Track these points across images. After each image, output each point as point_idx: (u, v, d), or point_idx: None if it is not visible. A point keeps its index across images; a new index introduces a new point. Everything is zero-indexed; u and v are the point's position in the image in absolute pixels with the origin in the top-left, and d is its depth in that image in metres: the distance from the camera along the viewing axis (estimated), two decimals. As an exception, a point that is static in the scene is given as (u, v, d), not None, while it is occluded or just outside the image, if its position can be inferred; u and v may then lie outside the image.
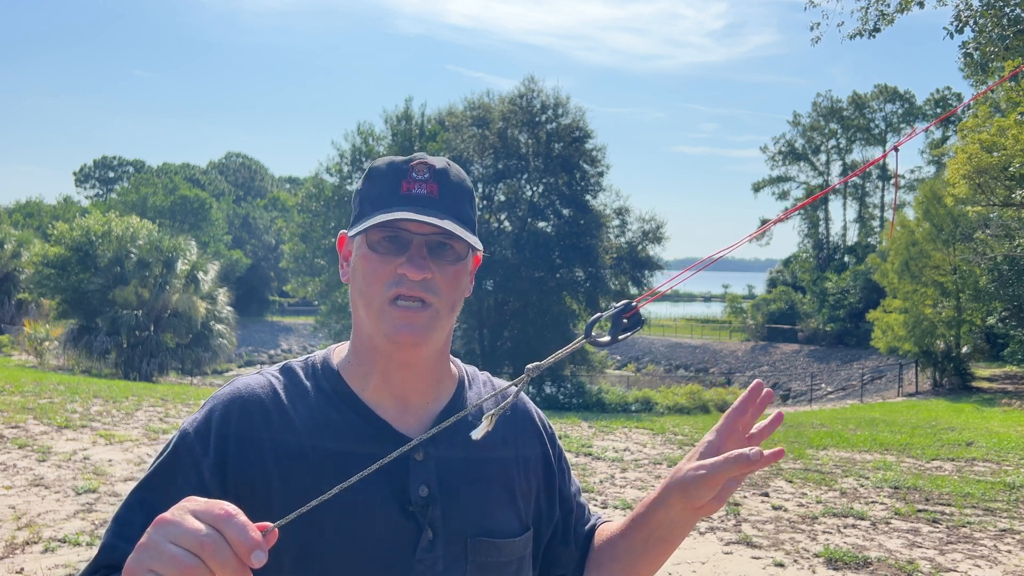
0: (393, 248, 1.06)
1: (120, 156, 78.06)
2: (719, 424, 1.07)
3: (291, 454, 1.03)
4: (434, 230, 1.06)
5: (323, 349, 1.20)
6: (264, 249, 61.05)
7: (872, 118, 55.94)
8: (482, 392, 1.21)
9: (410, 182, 1.09)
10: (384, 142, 30.35)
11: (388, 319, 1.05)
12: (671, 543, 1.12)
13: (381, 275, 1.06)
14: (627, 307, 0.97)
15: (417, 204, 1.06)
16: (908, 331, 26.63)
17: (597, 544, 1.24)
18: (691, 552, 5.72)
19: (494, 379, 1.27)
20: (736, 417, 1.06)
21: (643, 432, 12.80)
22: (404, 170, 1.09)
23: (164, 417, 10.59)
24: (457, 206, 1.10)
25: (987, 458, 10.56)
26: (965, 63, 12.98)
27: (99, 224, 24.25)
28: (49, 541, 5.05)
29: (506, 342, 27.36)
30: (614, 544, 1.19)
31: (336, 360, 1.15)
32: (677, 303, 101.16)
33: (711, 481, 1.00)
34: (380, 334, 1.07)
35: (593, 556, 1.24)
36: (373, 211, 1.07)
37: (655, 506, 1.09)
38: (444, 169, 1.11)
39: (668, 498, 1.06)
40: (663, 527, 1.10)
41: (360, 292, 1.09)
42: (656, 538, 1.11)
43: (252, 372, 1.14)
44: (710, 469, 1.00)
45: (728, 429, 1.05)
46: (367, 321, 1.09)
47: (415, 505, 1.04)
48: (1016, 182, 17.59)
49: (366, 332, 1.10)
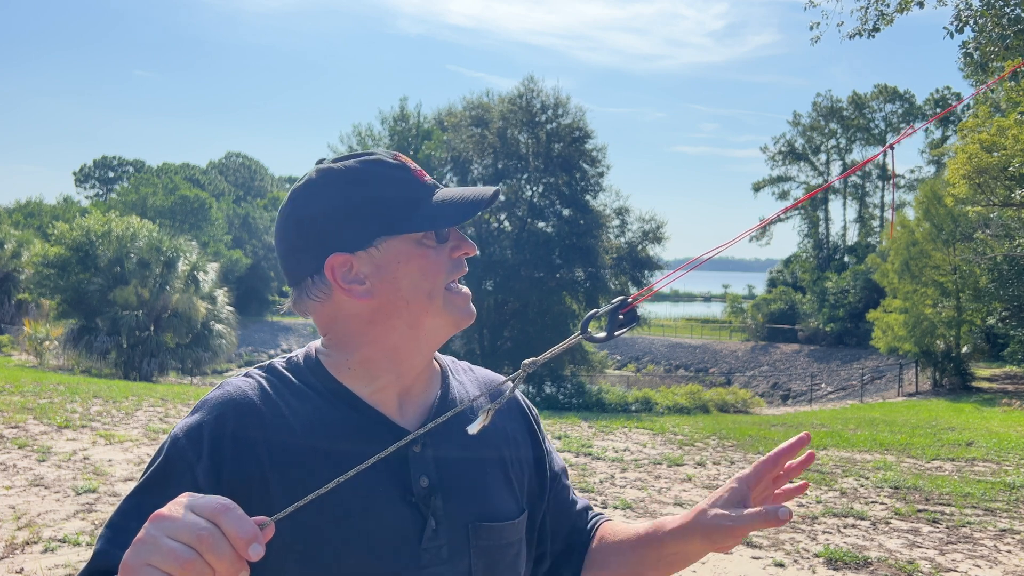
0: (439, 236, 1.08)
1: (120, 156, 78.16)
2: (747, 473, 1.07)
3: (288, 454, 1.02)
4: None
5: (301, 348, 1.17)
6: (264, 249, 61.03)
7: (872, 118, 55.95)
8: (464, 380, 1.22)
9: (416, 172, 1.10)
10: (382, 143, 30.34)
11: (453, 305, 1.08)
12: (681, 566, 1.17)
13: (440, 269, 1.07)
14: (623, 303, 0.98)
15: (433, 189, 1.09)
16: (908, 331, 26.63)
17: (605, 543, 1.25)
18: (691, 552, 5.72)
19: (474, 367, 1.28)
20: (767, 469, 1.07)
21: (643, 432, 12.80)
22: (402, 165, 1.10)
23: (164, 417, 10.58)
24: None
25: (987, 458, 10.56)
26: (965, 63, 12.97)
27: (99, 224, 24.25)
28: (49, 541, 5.05)
29: (506, 342, 27.37)
30: (623, 552, 1.21)
31: (321, 357, 1.11)
32: (677, 303, 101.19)
33: (737, 532, 1.02)
34: (446, 323, 1.08)
35: (599, 554, 1.25)
36: (409, 209, 1.05)
37: (673, 537, 1.12)
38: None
39: (689, 536, 1.09)
40: (678, 556, 1.14)
41: (415, 294, 1.05)
42: (669, 561, 1.15)
43: (239, 374, 1.12)
44: (737, 521, 1.01)
45: (756, 479, 1.07)
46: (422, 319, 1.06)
47: (417, 496, 1.05)
48: (1016, 182, 17.61)
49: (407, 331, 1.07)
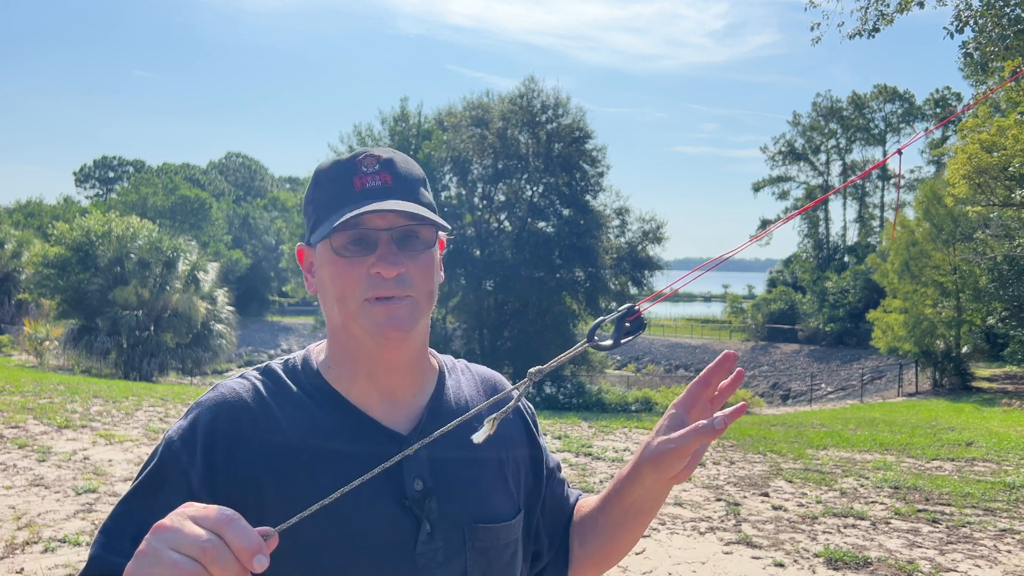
0: (360, 249, 1.03)
1: (120, 156, 78.10)
2: (682, 397, 1.08)
3: (281, 456, 1.02)
4: (401, 221, 1.03)
5: (301, 350, 1.18)
6: (264, 249, 61.05)
7: (872, 118, 55.92)
8: (462, 380, 1.21)
9: (362, 177, 1.05)
10: (382, 143, 30.36)
11: (370, 318, 1.03)
12: (648, 513, 1.16)
13: (353, 280, 1.03)
14: (630, 311, 0.98)
15: (374, 197, 1.03)
16: (908, 331, 26.63)
17: (577, 519, 1.27)
18: (691, 552, 5.73)
19: (472, 366, 1.27)
20: (699, 389, 1.07)
21: (643, 432, 12.80)
22: (353, 166, 1.06)
23: (164, 417, 10.58)
24: (414, 192, 1.07)
25: (987, 458, 10.56)
26: (965, 63, 12.98)
27: (99, 224, 24.25)
28: (49, 541, 5.05)
29: (506, 342, 27.36)
30: (594, 519, 1.23)
31: (317, 360, 1.13)
32: (677, 303, 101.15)
33: (680, 453, 1.02)
34: (364, 334, 1.05)
35: (575, 531, 1.27)
36: (329, 214, 1.04)
37: (628, 481, 1.12)
38: (391, 159, 1.08)
39: (640, 472, 1.09)
40: (639, 500, 1.13)
41: (334, 300, 1.05)
42: (634, 511, 1.15)
43: (235, 375, 1.12)
44: (678, 442, 1.01)
45: (691, 401, 1.07)
46: (347, 324, 1.06)
47: (411, 499, 1.05)
48: (1016, 182, 17.61)
49: (347, 335, 1.08)
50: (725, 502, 7.26)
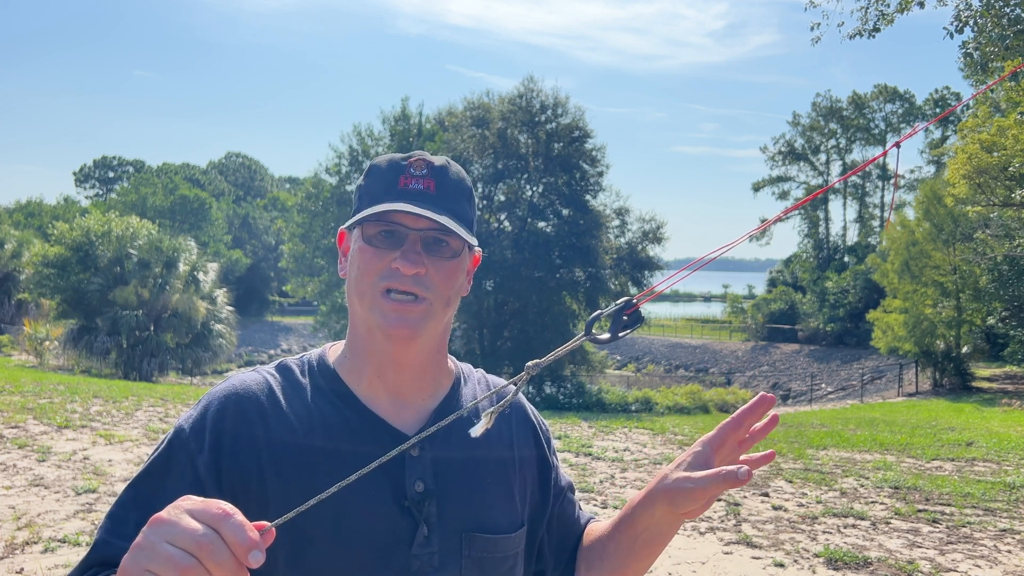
0: (388, 242, 1.07)
1: (120, 156, 78.16)
2: (711, 435, 1.05)
3: (286, 451, 1.03)
4: (430, 224, 1.06)
5: (319, 347, 1.20)
6: (264, 249, 61.05)
7: (872, 118, 55.93)
8: (477, 390, 1.21)
9: (407, 177, 1.10)
10: (382, 142, 30.36)
11: (380, 311, 1.06)
12: (658, 545, 1.13)
13: (374, 268, 1.07)
14: (627, 304, 0.97)
15: (413, 199, 1.07)
16: (908, 331, 26.63)
17: (587, 543, 1.25)
18: (691, 552, 5.72)
19: (489, 376, 1.28)
20: (731, 430, 1.04)
21: (643, 432, 12.79)
22: (403, 166, 1.10)
23: (164, 417, 10.58)
24: (455, 204, 1.11)
25: (987, 458, 10.56)
26: (965, 63, 12.97)
27: (99, 224, 24.25)
28: (49, 541, 5.05)
29: (506, 342, 27.36)
30: (603, 545, 1.20)
31: (332, 358, 1.15)
32: (677, 303, 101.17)
33: (697, 495, 0.99)
34: (374, 326, 1.07)
35: (583, 555, 1.25)
36: (369, 205, 1.08)
37: (640, 509, 1.09)
38: (443, 167, 1.12)
39: (653, 502, 1.06)
40: (649, 530, 1.10)
41: (354, 284, 1.09)
42: (643, 541, 1.12)
43: (249, 370, 1.13)
44: (697, 483, 0.98)
45: (720, 441, 1.04)
46: (361, 314, 1.09)
47: (410, 500, 1.05)
48: (1016, 182, 17.60)
49: (362, 327, 1.11)
50: (725, 502, 7.26)
